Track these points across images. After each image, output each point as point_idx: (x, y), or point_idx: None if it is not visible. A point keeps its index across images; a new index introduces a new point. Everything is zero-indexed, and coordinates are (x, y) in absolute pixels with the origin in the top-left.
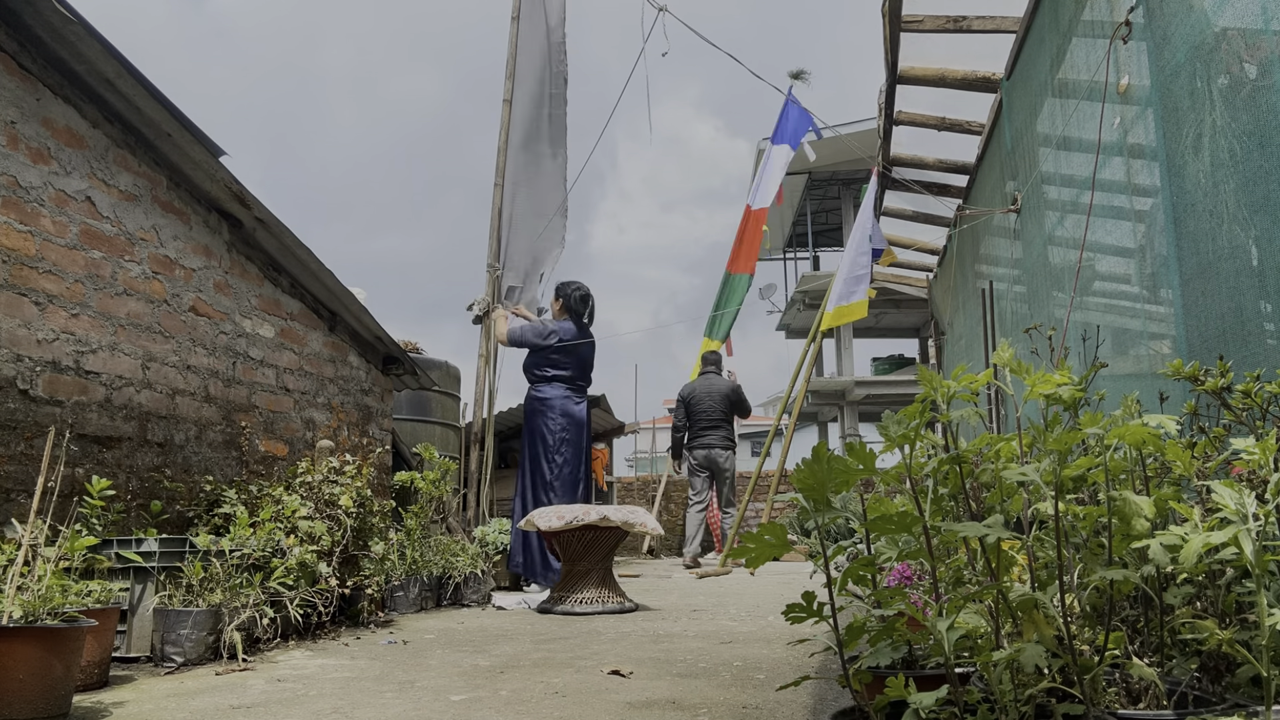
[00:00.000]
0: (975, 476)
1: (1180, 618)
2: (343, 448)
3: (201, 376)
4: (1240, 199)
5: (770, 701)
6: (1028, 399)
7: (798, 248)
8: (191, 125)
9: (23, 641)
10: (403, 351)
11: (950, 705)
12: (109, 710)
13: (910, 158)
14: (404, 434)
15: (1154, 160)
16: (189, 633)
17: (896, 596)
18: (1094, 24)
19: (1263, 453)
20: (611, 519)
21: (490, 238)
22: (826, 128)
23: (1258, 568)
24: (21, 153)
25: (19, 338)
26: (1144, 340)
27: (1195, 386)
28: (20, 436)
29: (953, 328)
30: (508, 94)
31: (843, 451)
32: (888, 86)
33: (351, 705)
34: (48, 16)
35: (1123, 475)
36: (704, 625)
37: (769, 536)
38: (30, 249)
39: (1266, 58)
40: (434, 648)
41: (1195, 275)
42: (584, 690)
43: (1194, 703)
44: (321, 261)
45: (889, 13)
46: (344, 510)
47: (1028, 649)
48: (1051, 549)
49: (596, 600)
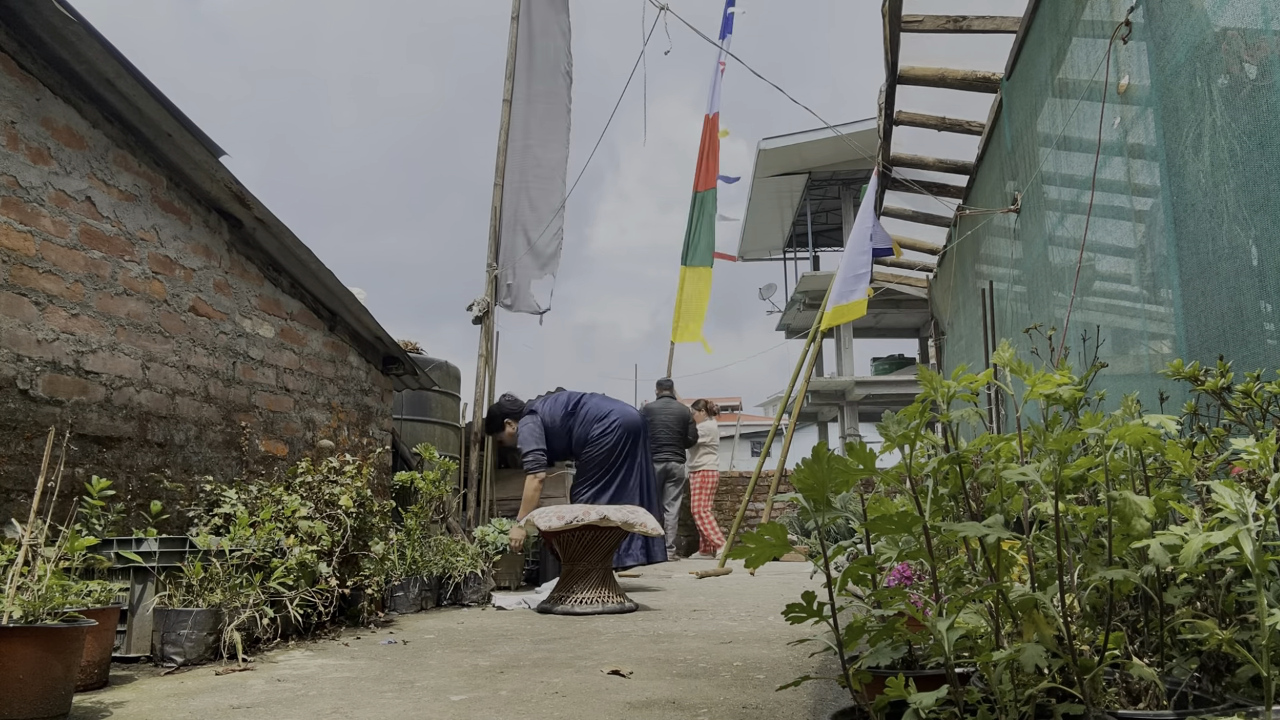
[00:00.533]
0: (975, 476)
1: (1180, 618)
2: (343, 448)
3: (201, 376)
4: (1240, 199)
5: (770, 701)
6: (1028, 399)
7: (798, 248)
8: (191, 125)
9: (23, 641)
10: (403, 351)
11: (950, 705)
12: (109, 710)
13: (910, 158)
14: (404, 434)
15: (1154, 160)
16: (189, 633)
17: (896, 596)
18: (1094, 24)
19: (1263, 453)
20: (611, 519)
21: (490, 237)
22: (827, 127)
23: (1258, 568)
24: (21, 153)
25: (19, 338)
26: (1144, 340)
27: (1195, 386)
28: (20, 436)
29: (953, 328)
30: (507, 94)
31: (843, 451)
32: (888, 86)
33: (351, 705)
34: (48, 16)
35: (1123, 475)
36: (704, 625)
37: (769, 536)
38: (30, 249)
39: (1266, 58)
40: (434, 648)
41: (1195, 275)
42: (584, 690)
43: (1194, 703)
44: (321, 261)
45: (889, 13)
46: (344, 510)
47: (1028, 649)
48: (1051, 549)
49: (596, 600)
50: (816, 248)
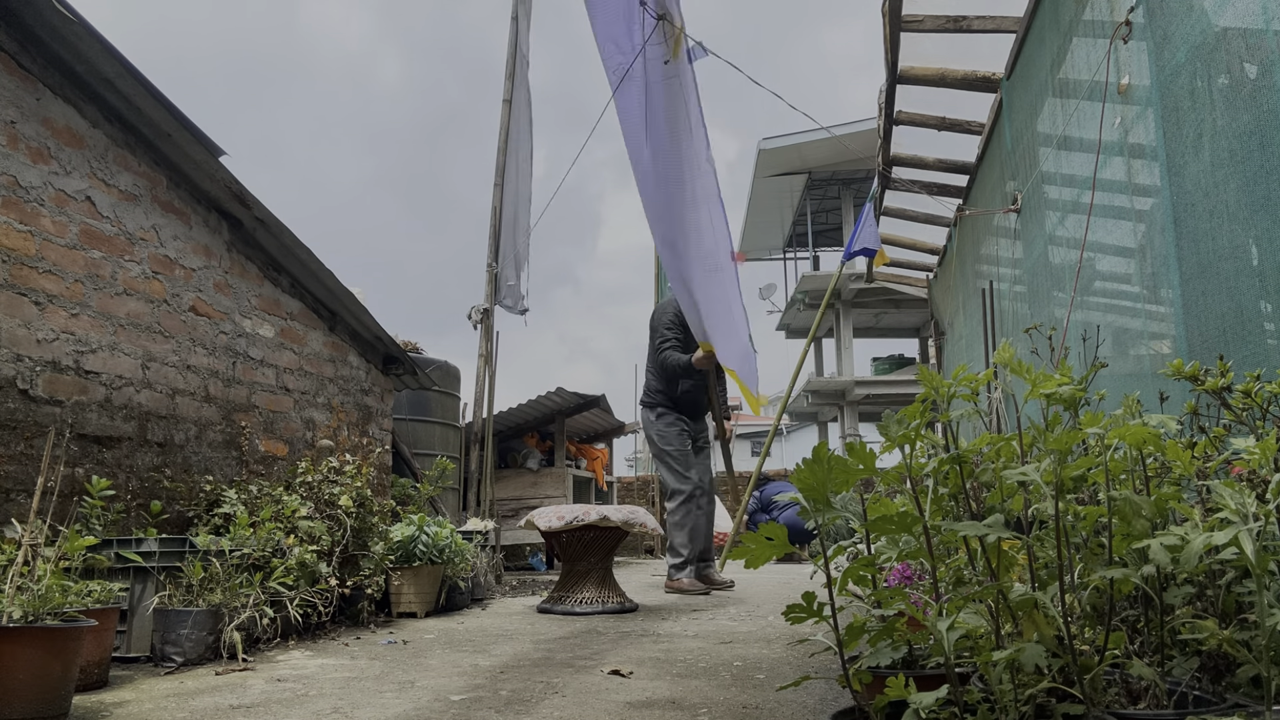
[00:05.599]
0: (975, 476)
1: (1180, 618)
2: (343, 448)
3: (201, 376)
4: (1240, 199)
5: (770, 701)
6: (1028, 399)
7: (798, 248)
8: (191, 125)
9: (23, 641)
10: (402, 351)
11: (950, 705)
12: (109, 710)
13: (910, 157)
14: (404, 434)
15: (1154, 160)
16: (189, 633)
17: (896, 596)
18: (1094, 24)
19: (1263, 453)
20: (611, 519)
21: (490, 237)
22: (821, 128)
23: (1258, 568)
24: (21, 152)
25: (19, 338)
26: (1144, 340)
27: (1195, 386)
28: (20, 436)
29: (953, 328)
30: (507, 94)
31: (843, 451)
32: (888, 86)
33: (351, 705)
34: (48, 16)
35: (1123, 475)
36: (704, 625)
37: (769, 536)
38: (30, 249)
39: (1267, 58)
40: (434, 648)
41: (1195, 275)
42: (584, 690)
43: (1194, 703)
44: (321, 261)
45: (889, 12)
46: (344, 510)
47: (1028, 649)
48: (1051, 549)
49: (596, 600)
50: (816, 248)
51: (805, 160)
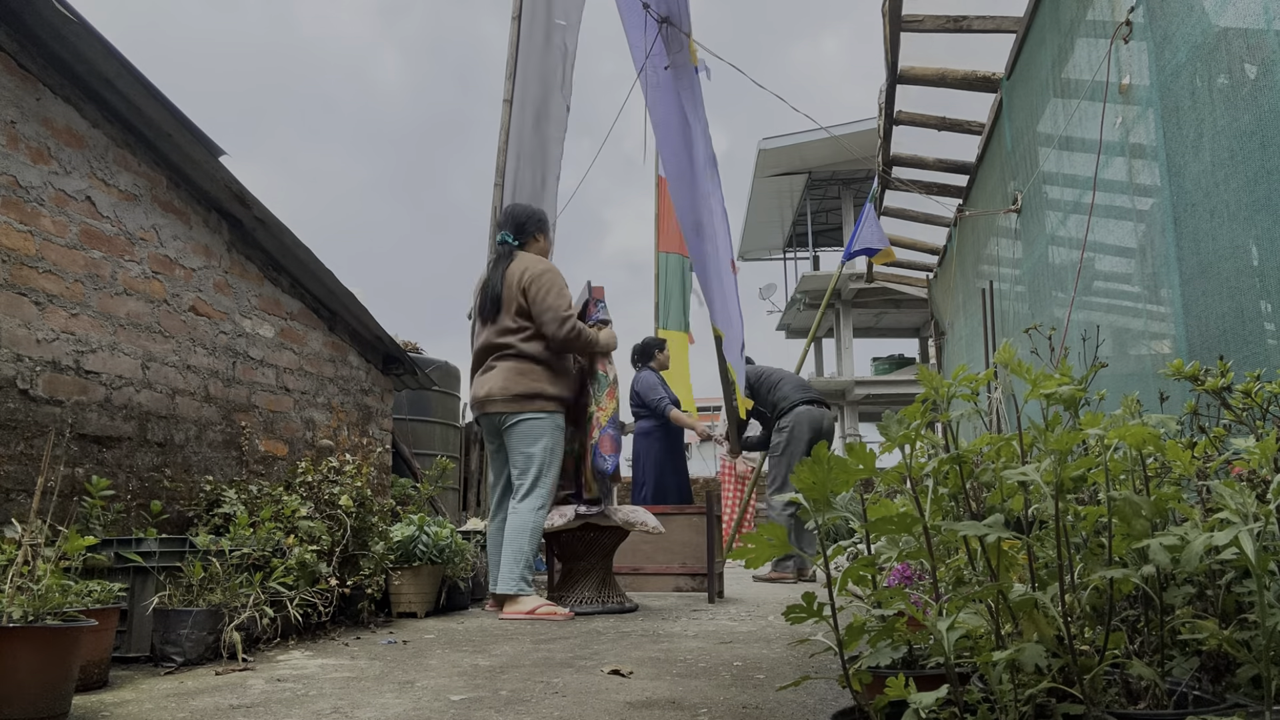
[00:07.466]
0: (976, 476)
1: (1180, 618)
2: (343, 447)
3: (201, 376)
4: (1241, 198)
5: (770, 701)
6: (1028, 399)
7: (798, 248)
8: (191, 125)
9: (23, 641)
10: (402, 351)
11: (950, 705)
12: (109, 710)
13: (910, 157)
14: (404, 434)
15: (1155, 160)
16: (189, 633)
17: (896, 596)
18: (1095, 24)
19: (1263, 453)
20: (611, 519)
21: (490, 236)
22: (820, 128)
23: (1258, 568)
24: (21, 152)
25: (19, 338)
26: (1144, 340)
27: (1195, 386)
28: (20, 436)
29: (953, 328)
30: (508, 94)
31: (843, 451)
32: (888, 86)
33: (351, 705)
34: (48, 16)
35: (1123, 475)
36: (704, 625)
37: (769, 537)
38: (30, 249)
39: (1267, 58)
40: (434, 648)
41: (1196, 275)
42: (584, 690)
43: (1194, 703)
44: (321, 261)
45: (889, 12)
46: (344, 510)
47: (1028, 649)
48: (1051, 549)
49: (596, 600)
50: (816, 247)
51: (805, 160)
